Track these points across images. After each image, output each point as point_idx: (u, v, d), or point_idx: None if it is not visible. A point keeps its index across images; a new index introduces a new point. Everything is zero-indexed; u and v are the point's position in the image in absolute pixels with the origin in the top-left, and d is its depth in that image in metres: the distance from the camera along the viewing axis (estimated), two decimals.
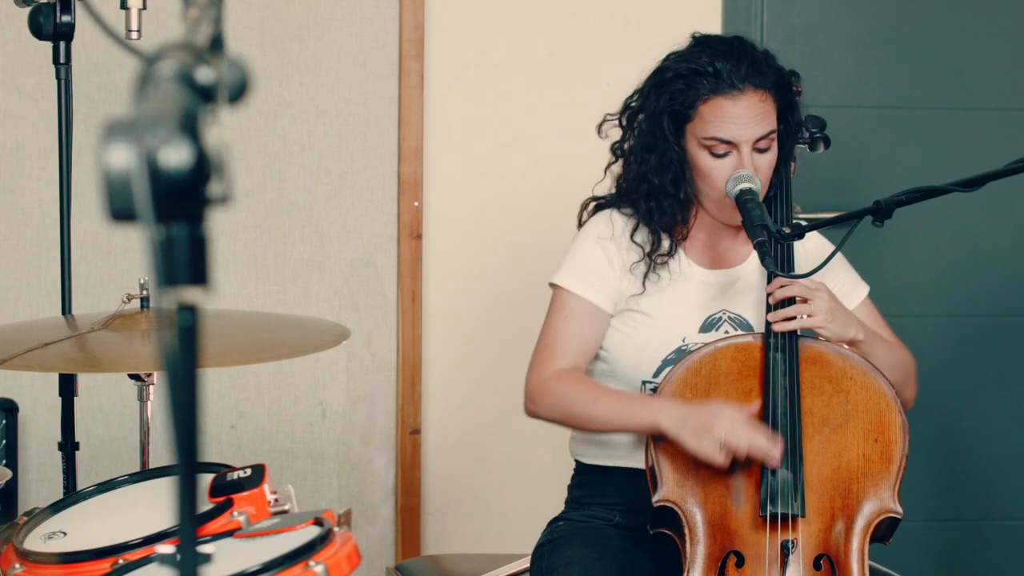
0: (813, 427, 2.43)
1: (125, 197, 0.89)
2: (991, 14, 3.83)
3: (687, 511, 2.39)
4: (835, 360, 2.49)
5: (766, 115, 2.50)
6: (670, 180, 2.54)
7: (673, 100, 2.52)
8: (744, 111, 2.48)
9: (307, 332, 2.73)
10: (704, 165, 2.51)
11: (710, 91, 2.48)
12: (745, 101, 2.48)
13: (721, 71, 2.48)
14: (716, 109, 2.48)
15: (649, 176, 2.56)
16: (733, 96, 2.48)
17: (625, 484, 2.58)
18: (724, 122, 2.48)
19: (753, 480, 2.39)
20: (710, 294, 2.61)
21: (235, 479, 2.13)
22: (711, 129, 2.48)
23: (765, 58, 2.54)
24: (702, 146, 2.51)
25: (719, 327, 2.59)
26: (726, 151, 2.50)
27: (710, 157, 2.50)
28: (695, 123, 2.51)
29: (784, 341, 2.46)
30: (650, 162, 2.55)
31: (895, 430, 2.44)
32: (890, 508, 2.40)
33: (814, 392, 2.45)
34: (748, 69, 2.49)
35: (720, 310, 2.60)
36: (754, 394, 2.44)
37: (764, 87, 2.50)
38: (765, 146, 2.51)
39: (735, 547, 2.37)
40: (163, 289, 0.92)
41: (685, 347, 2.56)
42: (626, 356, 2.58)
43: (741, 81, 2.48)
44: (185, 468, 0.94)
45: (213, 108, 0.98)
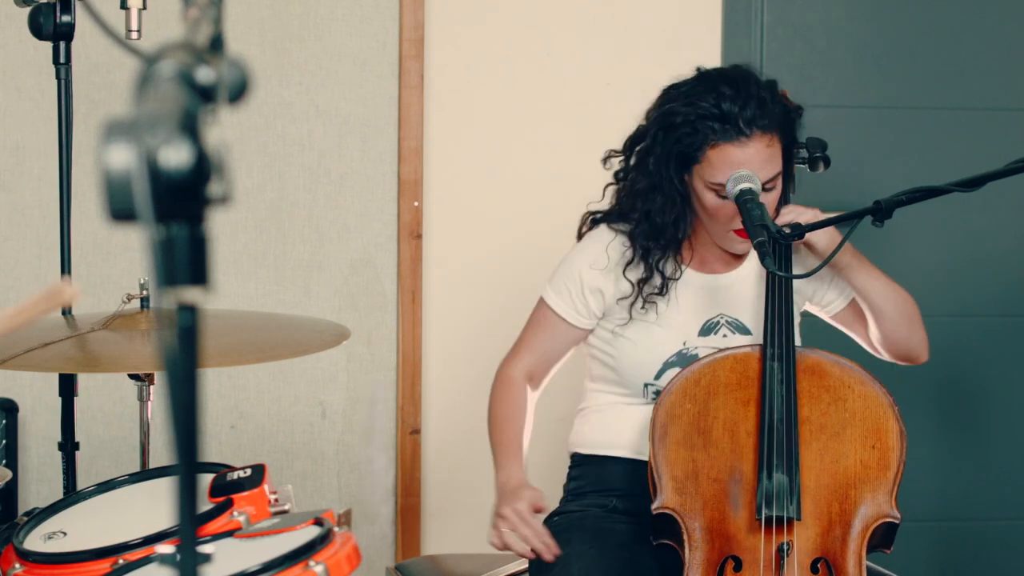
0: (811, 434, 2.46)
1: (125, 197, 0.89)
2: (991, 14, 3.83)
3: (686, 518, 2.43)
4: (833, 369, 2.52)
5: (772, 158, 2.52)
6: (672, 221, 2.59)
7: (680, 143, 2.54)
8: (752, 157, 2.50)
9: (307, 332, 2.73)
10: (711, 205, 2.55)
11: (719, 137, 2.50)
12: (753, 147, 2.50)
13: (728, 115, 2.50)
14: (723, 155, 2.50)
15: (652, 215, 2.60)
16: (741, 143, 2.50)
17: (622, 471, 2.63)
18: (732, 169, 2.50)
19: (750, 486, 2.43)
20: (707, 298, 2.65)
21: (235, 479, 2.13)
22: (719, 175, 2.51)
23: (771, 96, 2.55)
24: (709, 188, 2.54)
25: (717, 331, 2.63)
26: None
27: (717, 198, 2.54)
28: (702, 166, 2.53)
29: (782, 350, 2.50)
30: (656, 202, 2.59)
31: (892, 437, 2.47)
32: (887, 513, 2.44)
33: (812, 401, 2.49)
34: (754, 111, 2.50)
35: (717, 314, 2.65)
36: (752, 403, 2.47)
37: (771, 130, 2.52)
38: (771, 186, 2.54)
39: (733, 552, 2.41)
40: (163, 289, 0.92)
41: (685, 350, 2.61)
42: (630, 360, 2.64)
43: (748, 126, 2.50)
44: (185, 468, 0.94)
45: (213, 108, 0.98)
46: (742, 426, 2.47)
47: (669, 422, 2.48)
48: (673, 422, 2.48)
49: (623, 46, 3.69)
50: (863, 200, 2.54)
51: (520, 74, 3.66)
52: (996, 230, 3.85)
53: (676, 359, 2.61)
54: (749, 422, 2.47)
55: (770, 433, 2.43)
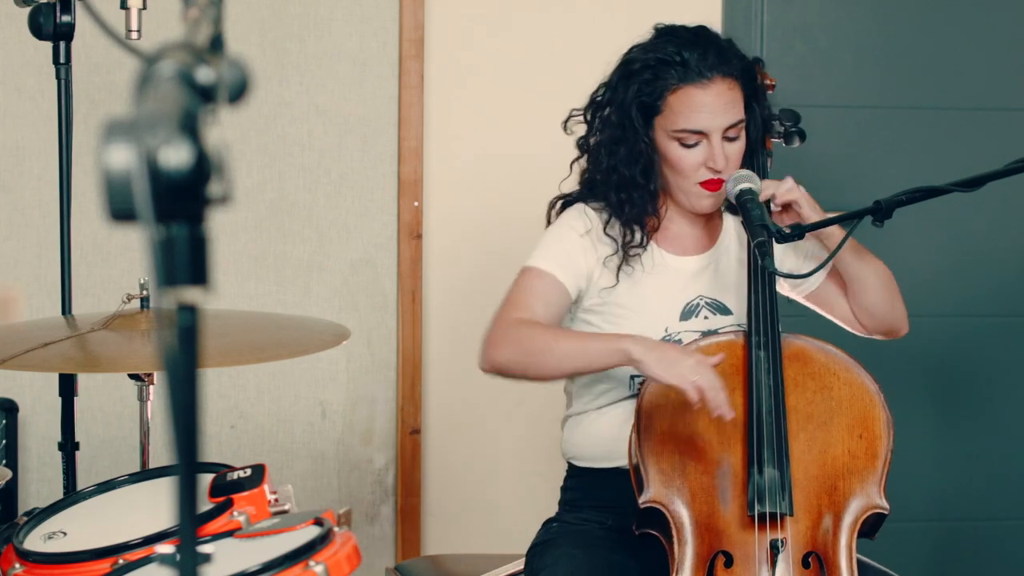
0: (798, 425, 2.43)
1: (125, 197, 0.89)
2: (991, 14, 3.83)
3: (674, 512, 2.38)
4: (818, 356, 2.49)
5: (734, 103, 2.52)
6: (640, 171, 2.55)
7: (641, 91, 2.53)
8: (714, 99, 2.49)
9: (307, 332, 2.73)
10: (674, 156, 2.52)
11: (679, 80, 2.50)
12: (714, 89, 2.49)
13: (689, 60, 2.50)
14: (685, 99, 2.49)
15: (619, 168, 2.56)
16: (702, 84, 2.49)
17: (618, 486, 2.55)
18: (694, 112, 2.49)
19: (739, 479, 2.39)
20: (685, 281, 2.61)
21: (235, 479, 2.13)
22: (680, 121, 2.50)
23: (730, 46, 2.56)
24: (672, 138, 2.52)
25: (698, 312, 2.59)
26: (696, 141, 2.51)
27: (680, 148, 2.52)
28: (664, 115, 2.52)
29: (767, 338, 2.46)
30: (620, 154, 2.56)
31: (880, 426, 2.45)
32: (876, 504, 2.41)
33: (798, 389, 2.46)
34: (715, 58, 2.51)
35: (696, 296, 2.60)
36: (737, 392, 2.43)
37: (732, 75, 2.52)
38: (734, 135, 2.53)
39: (723, 547, 2.36)
40: (163, 289, 0.92)
41: (668, 336, 2.55)
42: None
43: (709, 70, 2.49)
44: (185, 468, 0.94)
45: (213, 108, 0.98)
46: None
47: (653, 412, 2.42)
48: (657, 412, 2.42)
49: (623, 46, 3.68)
50: (863, 200, 2.54)
51: (520, 74, 3.66)
52: (996, 230, 3.85)
53: None
54: (736, 412, 2.42)
55: (759, 426, 2.39)
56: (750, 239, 2.42)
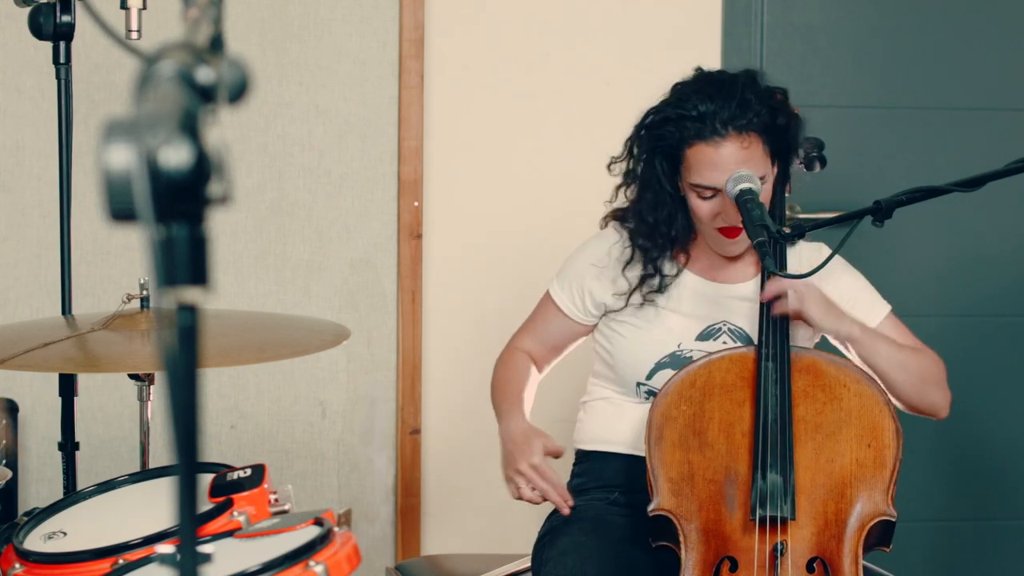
0: (806, 434, 2.47)
1: (125, 197, 0.89)
2: (991, 14, 3.83)
3: (682, 519, 2.44)
4: (828, 369, 2.52)
5: (748, 159, 2.50)
6: (664, 218, 2.61)
7: (662, 142, 2.57)
8: (726, 158, 2.49)
9: (307, 332, 2.73)
10: (693, 205, 2.57)
11: (694, 137, 2.52)
12: (727, 148, 2.49)
13: (705, 115, 2.50)
14: (699, 155, 2.51)
15: (643, 214, 2.62)
16: (715, 143, 2.50)
17: (625, 467, 2.65)
18: (706, 169, 2.51)
19: (745, 486, 2.43)
20: (710, 305, 2.65)
21: (235, 479, 2.13)
22: (694, 176, 2.53)
23: (757, 98, 2.53)
24: (691, 189, 2.56)
25: (718, 337, 2.63)
26: (712, 194, 2.54)
27: (697, 199, 2.56)
28: (684, 167, 2.55)
29: (776, 351, 2.50)
30: (646, 199, 2.62)
31: (888, 435, 2.48)
32: (884, 511, 2.44)
33: (807, 400, 2.49)
34: (733, 112, 2.50)
35: (720, 321, 2.64)
36: (747, 404, 2.48)
37: (749, 130, 2.50)
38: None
39: (729, 552, 2.41)
40: (163, 289, 0.92)
41: (679, 352, 2.61)
42: (624, 358, 2.65)
43: (724, 126, 2.49)
44: (185, 468, 0.94)
45: (213, 108, 0.98)
46: (737, 427, 2.47)
47: (665, 424, 2.49)
48: (669, 424, 2.49)
49: (623, 46, 3.69)
50: (863, 200, 2.54)
51: (520, 74, 3.66)
52: (996, 230, 3.85)
53: (669, 360, 2.61)
54: (744, 423, 2.47)
55: (764, 433, 2.44)
56: (750, 239, 2.42)
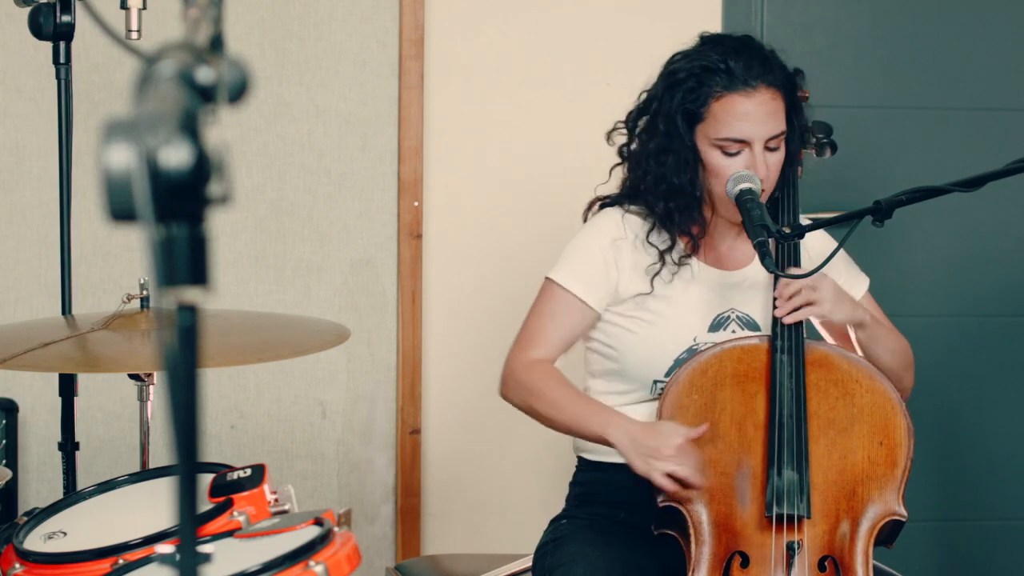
0: (819, 429, 2.44)
1: (125, 197, 0.89)
2: (991, 14, 3.83)
3: (692, 511, 2.40)
4: (841, 363, 2.50)
5: (777, 113, 2.51)
6: (688, 180, 2.54)
7: (685, 99, 2.51)
8: (757, 108, 2.48)
9: (307, 332, 2.73)
10: (716, 164, 2.51)
11: (724, 88, 2.48)
12: (758, 98, 2.49)
13: (734, 68, 2.48)
14: (729, 106, 2.48)
15: (668, 177, 2.54)
16: (747, 93, 2.48)
17: (630, 481, 2.56)
18: (738, 120, 2.48)
19: (759, 481, 2.40)
20: (718, 294, 2.61)
21: (235, 479, 2.13)
22: (724, 129, 2.48)
23: (773, 56, 2.55)
24: (714, 146, 2.50)
25: (727, 326, 2.60)
26: (738, 150, 2.49)
27: (722, 156, 2.50)
28: (707, 123, 2.50)
29: (790, 343, 2.47)
30: (668, 163, 2.54)
31: (900, 433, 2.46)
32: (894, 511, 2.42)
33: (820, 395, 2.46)
34: (760, 66, 2.50)
35: (728, 309, 2.61)
36: (759, 396, 2.45)
37: (775, 85, 2.51)
38: (775, 145, 2.52)
39: (740, 547, 2.38)
40: (163, 289, 0.92)
41: (696, 346, 2.56)
42: (638, 356, 2.58)
43: (754, 78, 2.48)
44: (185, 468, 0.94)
45: (213, 108, 0.98)
46: (750, 419, 2.44)
47: (676, 413, 2.44)
48: (679, 413, 2.44)
49: (623, 46, 3.69)
50: (863, 200, 2.54)
51: (520, 74, 3.66)
52: (996, 230, 3.85)
53: (687, 355, 2.55)
54: (757, 415, 2.44)
55: (779, 429, 2.41)
56: (750, 238, 2.42)
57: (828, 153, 2.72)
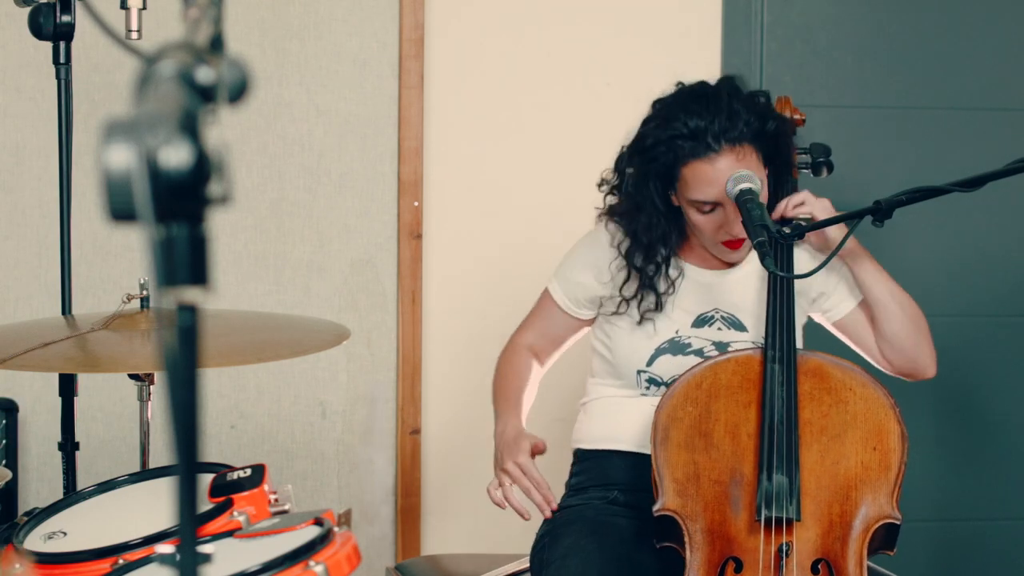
0: (811, 436, 2.47)
1: (125, 197, 0.89)
2: (991, 14, 3.83)
3: (687, 520, 2.44)
4: (834, 372, 2.53)
5: (746, 169, 2.53)
6: (659, 237, 2.64)
7: (655, 163, 2.59)
8: (722, 172, 2.52)
9: (307, 332, 2.73)
10: (694, 220, 2.61)
11: (689, 155, 2.54)
12: (723, 161, 2.53)
13: (696, 132, 2.53)
14: (695, 172, 2.54)
15: (639, 235, 2.65)
16: (710, 159, 2.53)
17: (625, 464, 2.65)
18: (704, 185, 2.54)
19: (750, 488, 2.44)
20: (704, 292, 2.68)
21: (235, 479, 2.13)
22: (693, 192, 2.56)
23: (746, 108, 2.55)
24: (690, 205, 2.59)
25: (711, 324, 2.66)
26: (712, 208, 2.57)
27: (698, 214, 2.59)
28: (680, 184, 2.58)
29: (783, 353, 2.51)
30: (640, 221, 2.64)
31: (893, 439, 2.48)
32: (888, 514, 2.44)
33: (813, 403, 2.49)
34: (723, 124, 2.52)
35: (712, 308, 2.68)
36: (753, 405, 2.49)
37: (742, 142, 2.53)
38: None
39: (733, 553, 2.41)
40: (163, 289, 0.92)
41: (678, 338, 2.65)
42: (623, 347, 2.67)
43: (716, 140, 2.52)
44: (185, 468, 0.94)
45: (213, 108, 0.98)
46: (743, 428, 2.48)
47: (671, 425, 2.50)
48: (675, 425, 2.50)
49: (623, 46, 3.69)
50: (863, 200, 2.54)
51: (520, 74, 3.66)
52: (996, 230, 3.85)
53: (668, 346, 2.64)
54: (750, 424, 2.48)
55: (770, 435, 2.44)
56: (750, 239, 2.43)
57: (825, 173, 2.76)
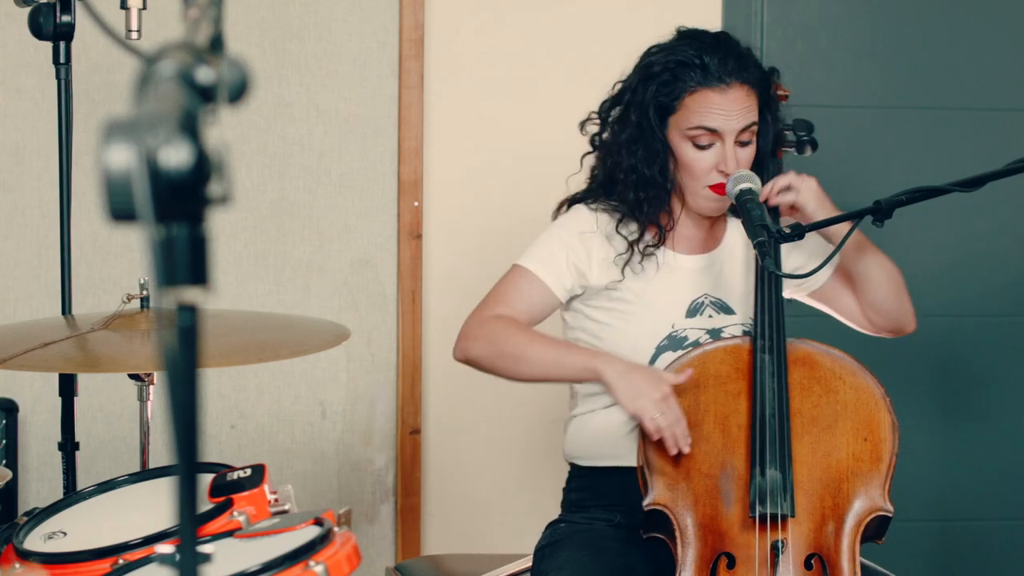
0: (802, 427, 2.44)
1: (125, 197, 0.89)
2: (991, 14, 3.83)
3: (677, 514, 2.40)
4: (824, 361, 2.50)
5: (750, 109, 2.55)
6: (658, 170, 2.57)
7: (659, 92, 2.56)
8: (730, 104, 2.52)
9: (307, 332, 2.73)
10: (687, 157, 2.55)
11: (697, 83, 2.53)
12: (732, 94, 2.53)
13: (708, 64, 2.53)
14: (702, 100, 2.52)
15: (639, 167, 2.58)
16: (720, 89, 2.52)
17: (624, 484, 2.57)
18: (710, 112, 2.52)
19: (742, 481, 2.40)
20: (691, 279, 2.64)
21: (235, 479, 2.13)
22: (696, 119, 2.52)
23: (749, 54, 2.59)
24: (686, 137, 2.55)
25: (702, 311, 2.62)
26: (710, 142, 2.54)
27: (693, 149, 2.54)
28: (679, 115, 2.54)
29: (773, 343, 2.48)
30: (639, 154, 2.58)
31: (885, 429, 2.46)
32: (880, 506, 2.42)
33: (803, 393, 2.47)
34: (735, 63, 2.54)
35: (702, 295, 2.63)
36: (742, 396, 2.45)
37: (749, 82, 2.55)
38: (747, 138, 2.56)
39: (726, 548, 2.38)
40: (163, 289, 0.92)
41: (675, 332, 2.59)
42: (621, 348, 2.58)
43: (728, 75, 2.53)
44: (185, 468, 0.94)
45: (213, 108, 0.98)
46: (733, 419, 2.45)
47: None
48: None
49: (623, 46, 3.68)
50: (863, 200, 2.54)
51: (520, 74, 3.66)
52: (996, 230, 3.85)
53: (668, 343, 2.58)
54: (740, 415, 2.45)
55: (762, 428, 2.41)
56: (750, 239, 2.42)
57: (809, 151, 2.73)
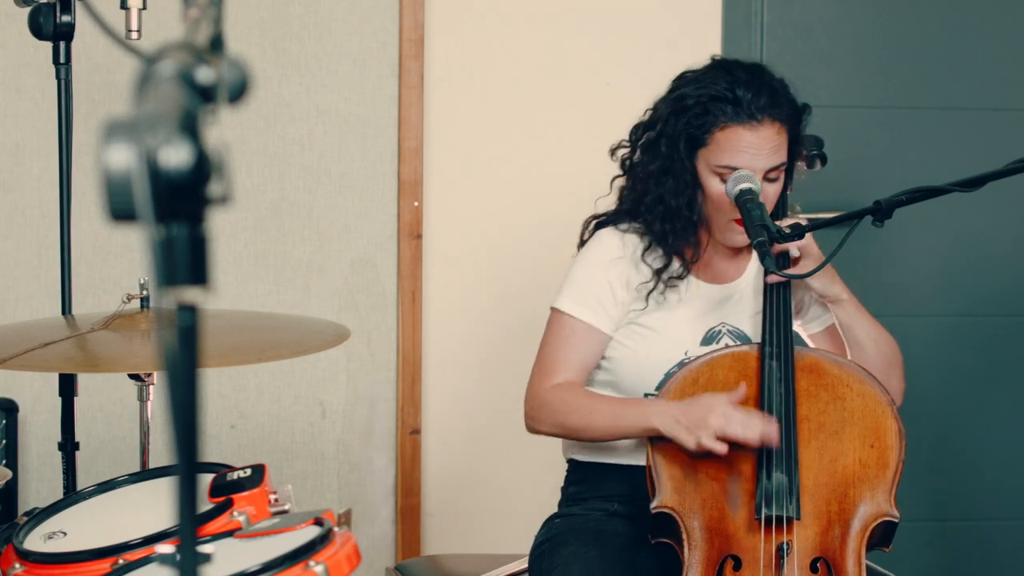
0: (809, 433, 2.46)
1: (125, 197, 0.89)
2: (991, 14, 3.83)
3: (685, 517, 2.42)
4: (831, 368, 2.52)
5: (780, 147, 2.52)
6: (686, 203, 2.55)
7: (690, 124, 2.52)
8: (761, 142, 2.49)
9: (307, 332, 2.73)
10: (714, 191, 2.53)
11: (729, 119, 2.49)
12: (763, 132, 2.49)
13: (741, 99, 2.49)
14: (732, 137, 2.49)
15: (666, 198, 2.56)
16: (751, 126, 2.49)
17: (622, 478, 2.61)
18: (739, 151, 2.49)
19: (749, 484, 2.42)
20: (710, 308, 2.63)
21: (235, 479, 2.13)
22: (725, 157, 2.50)
23: (783, 89, 2.55)
24: (713, 173, 2.52)
25: (719, 339, 2.62)
26: None
27: (720, 183, 2.52)
28: (709, 149, 2.52)
29: (780, 349, 2.49)
30: (667, 185, 2.56)
31: (891, 436, 2.47)
32: (887, 512, 2.43)
33: (810, 399, 2.48)
34: (768, 100, 2.50)
35: (719, 323, 2.63)
36: (750, 402, 2.47)
37: (780, 119, 2.51)
38: (775, 176, 2.54)
39: (732, 551, 2.40)
40: (163, 289, 0.92)
41: (687, 359, 2.58)
42: (629, 368, 2.60)
43: (760, 112, 2.49)
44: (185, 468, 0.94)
45: (213, 108, 0.98)
46: None
47: None
48: None
49: (623, 46, 3.69)
50: (863, 200, 2.54)
51: (520, 74, 3.66)
52: (996, 230, 3.85)
53: (678, 369, 2.56)
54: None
55: None
56: (750, 239, 2.42)
57: (819, 165, 2.73)
